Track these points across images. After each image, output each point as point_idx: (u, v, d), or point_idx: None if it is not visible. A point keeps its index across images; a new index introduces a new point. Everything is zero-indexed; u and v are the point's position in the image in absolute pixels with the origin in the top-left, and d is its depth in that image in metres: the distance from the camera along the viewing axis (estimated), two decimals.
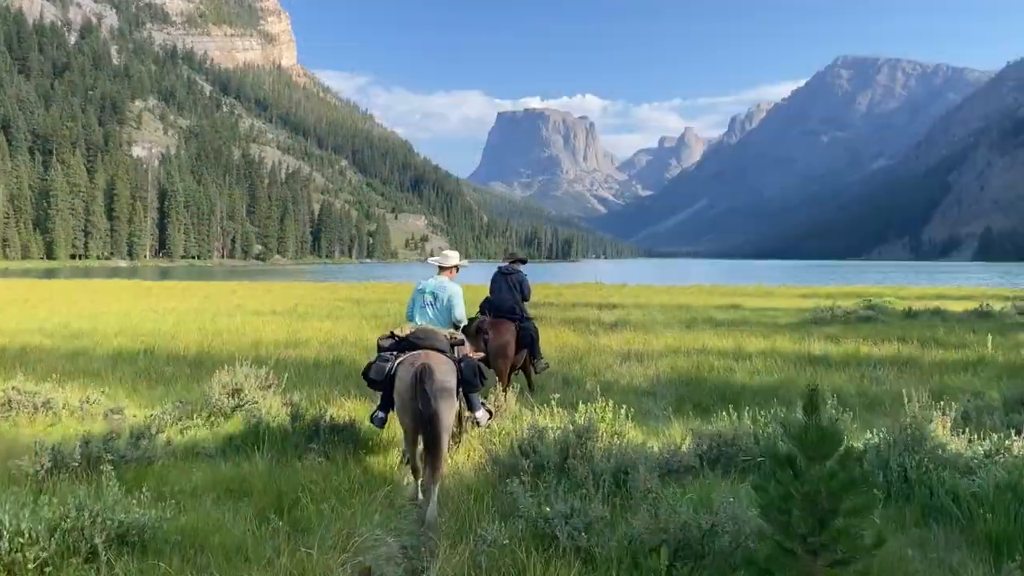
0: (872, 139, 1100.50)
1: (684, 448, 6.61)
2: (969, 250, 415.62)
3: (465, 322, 7.36)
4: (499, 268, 10.33)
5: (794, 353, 13.39)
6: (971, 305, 25.42)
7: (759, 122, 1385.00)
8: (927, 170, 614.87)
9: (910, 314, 21.45)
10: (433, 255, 7.94)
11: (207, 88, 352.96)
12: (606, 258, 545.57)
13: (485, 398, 7.76)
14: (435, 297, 7.12)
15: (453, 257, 7.72)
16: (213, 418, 8.16)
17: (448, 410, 6.10)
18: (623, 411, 6.81)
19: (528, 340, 9.88)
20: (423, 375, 5.86)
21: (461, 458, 6.98)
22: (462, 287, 7.45)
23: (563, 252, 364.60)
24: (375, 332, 16.68)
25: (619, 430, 6.54)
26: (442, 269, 7.48)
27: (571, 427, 6.35)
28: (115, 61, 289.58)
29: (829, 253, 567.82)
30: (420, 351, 6.36)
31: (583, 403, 6.85)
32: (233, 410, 8.24)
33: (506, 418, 7.90)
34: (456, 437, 7.24)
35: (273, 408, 7.93)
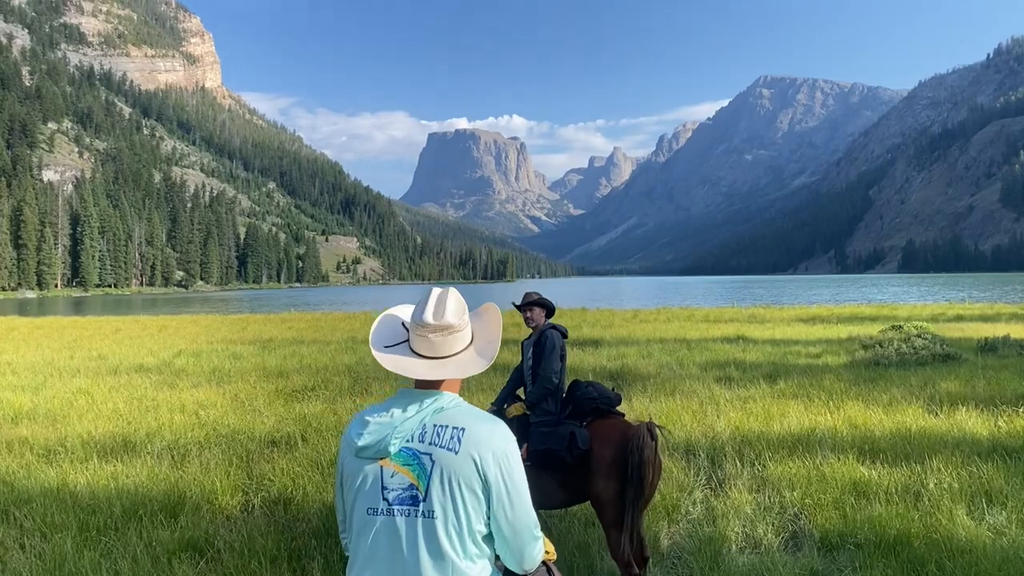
0: (794, 156, 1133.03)
1: None
2: (893, 263, 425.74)
3: (550, 551, 2.54)
4: (551, 328, 5.37)
5: (954, 439, 8.15)
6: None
7: (685, 141, 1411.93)
8: (848, 185, 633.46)
9: (987, 347, 16.49)
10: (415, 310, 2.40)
11: (126, 110, 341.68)
12: (541, 277, 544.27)
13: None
14: (449, 482, 2.17)
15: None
16: None
17: None
18: None
19: None
20: None
21: None
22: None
23: (498, 272, 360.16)
24: (272, 407, 10.76)
25: None
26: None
27: None
28: (27, 82, 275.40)
29: (757, 268, 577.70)
30: None
31: None
32: None
33: None
34: None
35: None
